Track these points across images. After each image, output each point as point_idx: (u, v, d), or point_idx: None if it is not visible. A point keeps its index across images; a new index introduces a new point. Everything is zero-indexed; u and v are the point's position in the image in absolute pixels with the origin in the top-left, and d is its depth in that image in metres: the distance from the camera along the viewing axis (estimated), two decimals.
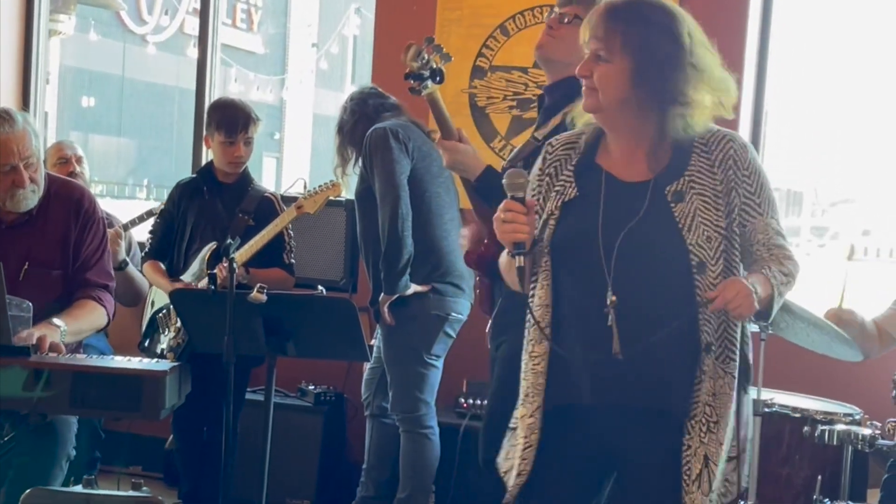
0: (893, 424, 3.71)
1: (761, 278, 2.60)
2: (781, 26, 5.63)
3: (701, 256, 2.60)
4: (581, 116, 2.82)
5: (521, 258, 2.66)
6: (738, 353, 2.66)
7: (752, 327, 2.89)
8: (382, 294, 4.52)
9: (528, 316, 2.77)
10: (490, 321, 3.65)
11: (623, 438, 2.72)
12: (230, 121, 4.58)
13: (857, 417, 4.05)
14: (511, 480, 2.78)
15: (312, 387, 5.35)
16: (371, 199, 4.52)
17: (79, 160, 5.31)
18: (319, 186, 4.51)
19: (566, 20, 3.39)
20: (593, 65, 2.66)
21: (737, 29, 5.18)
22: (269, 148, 25.34)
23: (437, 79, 3.31)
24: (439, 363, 4.64)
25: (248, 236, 4.49)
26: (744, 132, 5.28)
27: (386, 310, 4.50)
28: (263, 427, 3.77)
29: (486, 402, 4.12)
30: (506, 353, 3.46)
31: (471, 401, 4.97)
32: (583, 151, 2.78)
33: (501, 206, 2.67)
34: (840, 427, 3.84)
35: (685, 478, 2.62)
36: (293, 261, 4.70)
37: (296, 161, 25.42)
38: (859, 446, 3.76)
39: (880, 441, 3.74)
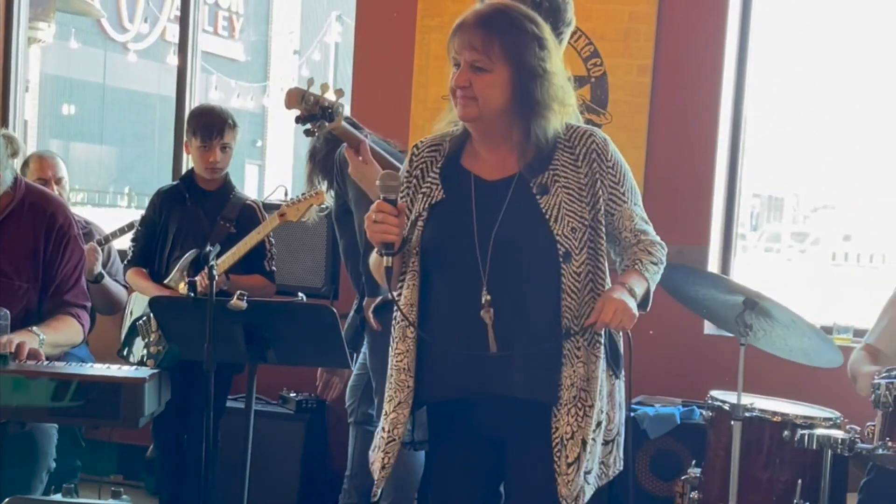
0: (872, 428, 3.72)
1: (635, 276, 2.77)
2: (761, 32, 5.66)
3: (567, 246, 2.73)
4: (442, 121, 2.90)
5: (389, 258, 2.75)
6: (603, 336, 2.78)
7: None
8: (366, 298, 4.51)
9: (395, 314, 2.88)
10: None
11: (501, 429, 2.83)
12: (206, 126, 4.58)
13: (837, 421, 4.06)
14: (376, 474, 2.91)
15: (294, 394, 5.34)
16: (349, 216, 4.51)
17: (58, 181, 5.26)
18: (303, 194, 4.50)
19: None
20: (471, 75, 2.71)
21: (716, 35, 5.20)
22: (251, 155, 25.33)
23: (329, 117, 3.19)
24: None
25: (229, 244, 4.48)
26: (723, 138, 5.30)
27: (371, 314, 4.48)
28: (244, 435, 3.77)
29: None
30: None
31: None
32: (447, 154, 2.86)
33: (373, 206, 2.76)
34: (820, 431, 3.85)
35: (556, 461, 2.72)
36: (274, 268, 4.69)
37: (278, 168, 25.41)
38: (839, 450, 3.77)
39: (860, 445, 3.75)
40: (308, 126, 3.21)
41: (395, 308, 2.87)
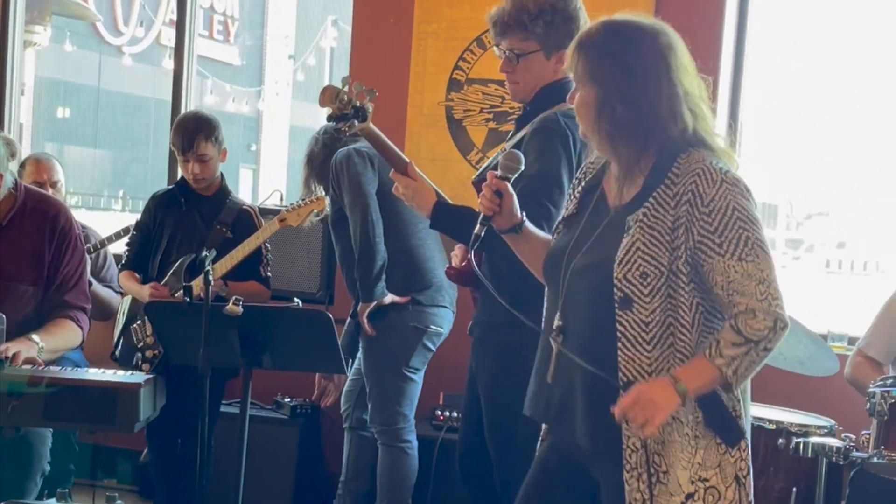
0: (868, 437, 3.73)
1: (697, 365, 2.48)
2: (757, 39, 5.67)
3: (628, 292, 2.51)
4: None
5: (481, 227, 2.77)
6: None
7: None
8: (360, 303, 4.51)
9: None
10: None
11: (574, 464, 2.73)
12: (180, 139, 4.57)
13: (832, 430, 4.07)
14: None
15: (288, 399, 5.33)
16: (345, 222, 4.52)
17: (54, 184, 5.25)
18: (303, 199, 4.49)
19: (511, 59, 3.42)
20: (574, 95, 2.68)
21: (712, 42, 5.21)
22: (245, 159, 25.33)
23: (361, 117, 3.19)
24: (418, 376, 4.63)
25: (225, 248, 4.47)
26: (719, 144, 5.29)
27: (365, 320, 4.49)
28: (239, 440, 3.76)
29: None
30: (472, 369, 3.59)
31: (447, 413, 4.97)
32: (598, 170, 2.78)
33: (489, 177, 2.76)
34: (815, 439, 3.86)
35: None
36: (270, 274, 4.68)
37: (272, 172, 25.41)
38: (834, 458, 3.78)
39: (855, 453, 3.76)
40: (339, 125, 3.20)
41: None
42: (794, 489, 3.97)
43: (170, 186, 4.95)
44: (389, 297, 4.49)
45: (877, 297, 4.46)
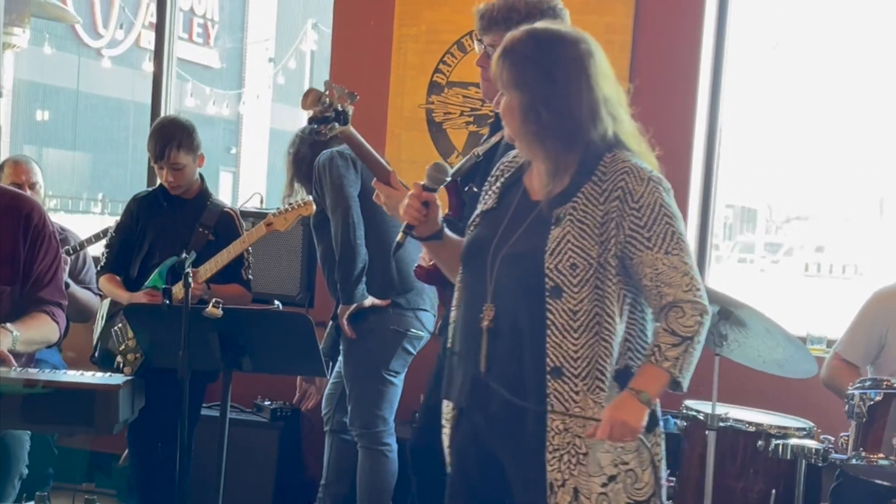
0: (846, 438, 3.74)
1: (649, 373, 2.64)
2: (736, 44, 5.69)
3: (558, 282, 2.64)
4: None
5: (402, 235, 2.84)
6: (607, 383, 2.66)
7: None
8: (340, 305, 4.51)
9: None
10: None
11: (496, 450, 2.79)
12: (153, 147, 4.58)
13: (811, 431, 4.09)
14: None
15: (268, 402, 5.32)
16: (327, 223, 4.52)
17: (32, 186, 5.23)
18: (291, 205, 4.48)
19: (491, 55, 3.43)
20: (500, 99, 2.83)
21: (691, 47, 5.23)
22: (225, 162, 25.27)
23: (342, 120, 3.21)
24: (398, 380, 4.63)
25: (207, 251, 4.47)
26: (698, 150, 5.33)
27: (345, 322, 4.48)
28: (219, 443, 3.76)
29: None
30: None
31: None
32: (517, 168, 2.89)
33: (415, 188, 2.83)
34: (794, 441, 3.88)
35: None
36: (251, 277, 4.68)
37: (252, 176, 25.35)
38: (812, 460, 3.80)
39: (833, 455, 3.77)
40: (319, 127, 3.22)
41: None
42: (773, 491, 3.99)
43: (151, 188, 4.93)
44: (370, 300, 4.49)
45: (855, 300, 4.49)
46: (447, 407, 2.92)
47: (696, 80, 5.24)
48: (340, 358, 4.70)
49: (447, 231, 2.90)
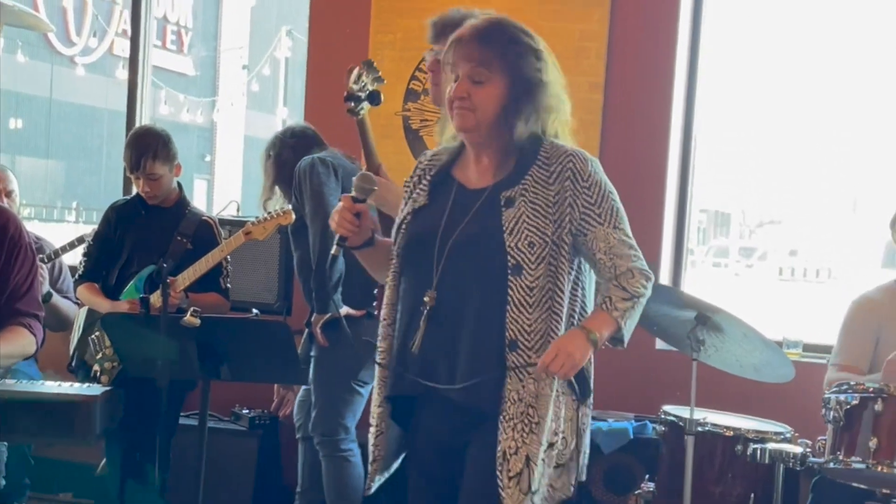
0: (824, 442, 3.76)
1: (600, 318, 2.79)
2: (711, 50, 5.73)
3: (518, 259, 2.75)
4: (444, 133, 2.98)
5: (337, 248, 2.88)
6: None
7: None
8: (315, 314, 4.50)
9: (377, 313, 2.98)
10: None
11: (454, 432, 2.86)
12: (129, 158, 4.58)
13: (789, 436, 4.11)
14: (369, 467, 2.97)
15: (246, 411, 5.31)
16: (305, 230, 4.51)
17: (9, 194, 5.20)
18: (269, 213, 4.48)
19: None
20: (469, 86, 2.81)
21: (666, 53, 5.26)
22: (200, 170, 25.21)
23: (374, 101, 3.43)
24: (366, 390, 4.62)
25: (185, 259, 4.47)
26: (674, 154, 5.36)
27: (318, 330, 4.48)
28: (197, 451, 3.74)
29: None
30: None
31: None
32: (443, 163, 2.96)
33: (345, 200, 2.87)
34: (772, 445, 3.90)
35: (499, 473, 2.75)
36: (229, 285, 4.67)
37: (227, 183, 25.29)
38: (791, 464, 3.81)
39: (811, 459, 3.79)
40: (351, 105, 3.44)
41: (375, 309, 2.99)
42: (752, 495, 4.00)
43: (129, 197, 4.92)
44: (345, 310, 4.48)
45: (829, 303, 4.51)
46: (381, 408, 2.94)
47: (671, 85, 5.27)
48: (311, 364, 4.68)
49: (377, 235, 2.98)
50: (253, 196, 4.94)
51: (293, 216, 4.42)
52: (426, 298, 2.80)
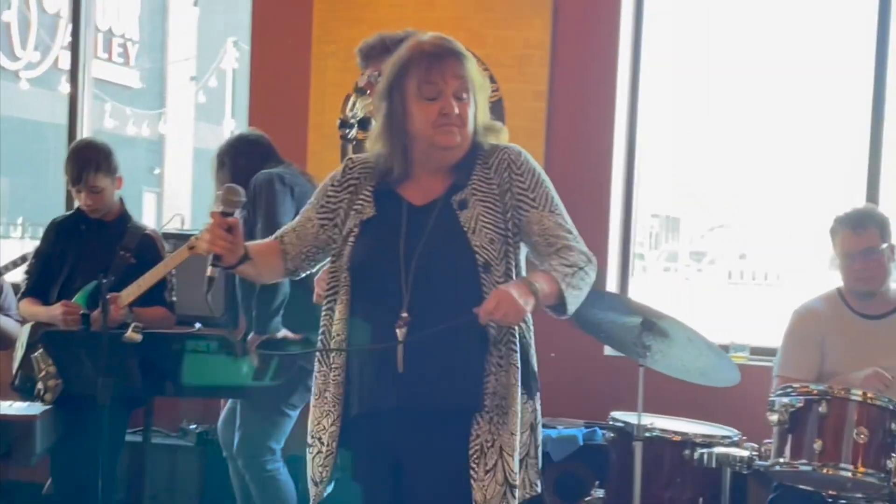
0: (770, 445, 3.77)
1: (540, 274, 2.78)
2: (653, 55, 5.75)
3: (486, 257, 2.79)
4: (375, 144, 2.94)
5: (213, 269, 2.82)
6: (517, 346, 2.81)
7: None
8: (252, 333, 4.45)
9: (324, 330, 2.92)
10: None
11: (409, 442, 2.83)
12: (70, 171, 4.54)
13: (736, 439, 4.13)
14: (312, 490, 2.93)
15: (193, 426, 5.26)
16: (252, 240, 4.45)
17: None
18: None
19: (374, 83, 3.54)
20: (456, 103, 2.83)
21: (609, 59, 5.28)
22: (148, 183, 25.01)
23: (364, 126, 3.51)
24: (295, 412, 4.57)
25: (128, 274, 4.42)
26: (618, 160, 5.38)
27: (253, 350, 4.42)
28: (140, 470, 3.71)
29: None
30: None
31: None
32: (379, 177, 2.93)
33: (214, 217, 2.82)
34: (718, 450, 3.92)
35: (474, 467, 2.76)
36: (175, 298, 4.63)
37: (176, 196, 25.12)
38: (737, 468, 3.83)
39: (757, 462, 3.81)
40: (345, 130, 3.68)
41: (323, 325, 2.92)
42: (700, 499, 4.03)
43: (70, 212, 4.87)
44: (283, 332, 4.42)
45: (777, 306, 4.52)
46: (335, 427, 2.88)
47: (614, 92, 5.29)
48: None
49: (249, 246, 2.91)
50: (203, 208, 4.87)
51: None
52: (403, 316, 2.76)
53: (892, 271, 4.21)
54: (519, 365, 2.81)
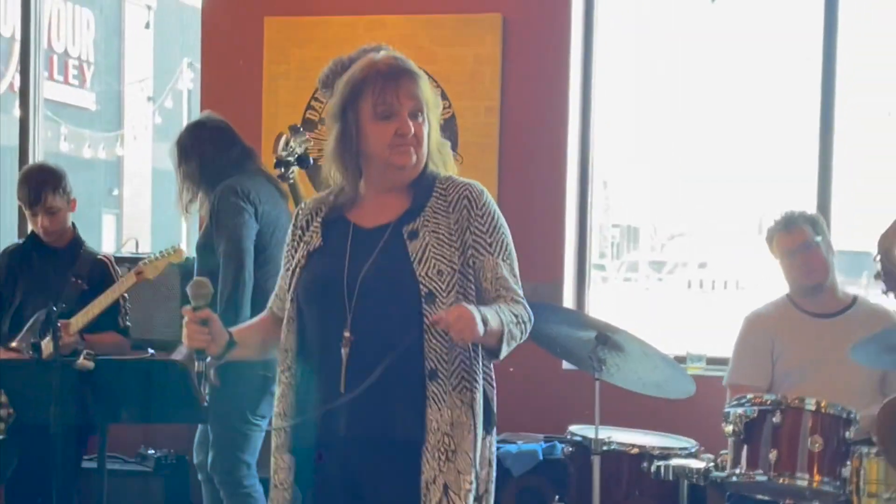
0: (725, 456, 3.79)
1: (493, 312, 2.71)
2: (604, 67, 5.79)
3: (431, 287, 2.74)
4: (328, 169, 2.94)
5: (200, 364, 2.88)
6: (478, 386, 2.78)
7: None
8: (210, 357, 4.40)
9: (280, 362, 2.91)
10: None
11: (364, 470, 2.80)
12: (26, 193, 4.51)
13: (693, 450, 4.14)
14: None
15: (152, 451, 5.22)
16: (211, 250, 4.41)
17: None
18: (161, 252, 4.40)
19: None
20: (413, 122, 2.81)
21: (560, 74, 5.31)
22: (107, 205, 24.85)
23: (304, 164, 3.53)
24: (265, 423, 4.55)
25: (81, 301, 4.39)
26: (572, 173, 5.41)
27: (212, 372, 4.39)
28: (97, 496, 3.68)
29: None
30: None
31: None
32: (331, 206, 2.92)
33: (187, 314, 2.81)
34: (675, 462, 3.93)
35: (423, 500, 2.73)
36: (129, 324, 4.60)
37: (136, 217, 24.97)
38: (694, 479, 3.84)
39: (714, 473, 3.82)
40: (282, 170, 3.65)
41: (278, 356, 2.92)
42: None
43: (20, 241, 4.83)
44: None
45: (735, 314, 4.56)
46: (287, 462, 2.87)
47: (566, 104, 5.32)
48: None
49: (234, 331, 2.91)
50: (162, 229, 4.82)
51: (184, 254, 4.36)
52: (346, 335, 2.75)
53: (833, 265, 4.29)
54: (475, 404, 2.78)
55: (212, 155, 4.51)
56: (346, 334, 2.74)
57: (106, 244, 17.49)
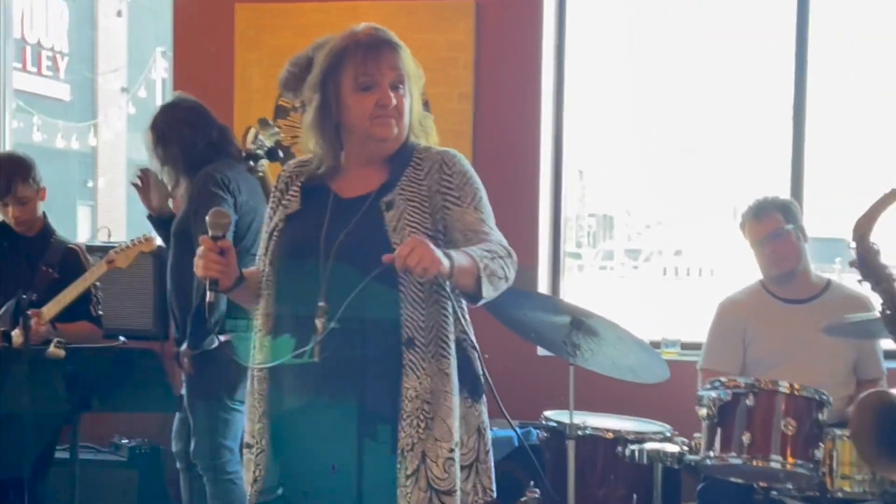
0: (699, 440, 3.80)
1: (459, 252, 2.64)
2: (577, 54, 5.79)
3: None
4: (309, 141, 2.91)
5: (212, 294, 2.80)
6: (451, 351, 2.76)
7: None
8: (185, 346, 4.38)
9: (254, 324, 2.89)
10: None
11: (342, 437, 2.77)
12: None
13: (668, 434, 4.15)
14: (249, 489, 2.87)
15: (126, 440, 5.20)
16: (187, 236, 4.37)
17: None
18: (132, 241, 4.38)
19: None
20: (394, 93, 2.79)
21: (533, 60, 5.31)
22: (82, 196, 24.75)
23: (273, 157, 3.54)
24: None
25: (52, 290, 4.36)
26: (545, 160, 5.41)
27: (186, 361, 4.36)
28: (70, 488, 3.66)
29: None
30: None
31: None
32: (311, 171, 2.90)
33: (204, 242, 2.77)
34: (650, 446, 3.94)
35: (398, 473, 2.72)
36: (101, 312, 4.57)
37: (111, 208, 24.88)
38: (668, 463, 3.85)
39: (688, 457, 3.83)
40: (251, 163, 3.70)
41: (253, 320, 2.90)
42: (635, 496, 4.05)
43: None
44: (217, 343, 4.36)
45: (710, 301, 4.58)
46: (261, 424, 2.87)
47: (539, 90, 5.32)
48: (183, 391, 4.55)
49: (243, 270, 2.90)
50: (138, 219, 4.79)
51: (155, 243, 4.33)
52: (321, 305, 2.71)
53: (805, 251, 4.31)
54: (451, 371, 2.76)
55: (191, 138, 4.41)
56: (321, 304, 2.71)
57: (81, 236, 17.43)
